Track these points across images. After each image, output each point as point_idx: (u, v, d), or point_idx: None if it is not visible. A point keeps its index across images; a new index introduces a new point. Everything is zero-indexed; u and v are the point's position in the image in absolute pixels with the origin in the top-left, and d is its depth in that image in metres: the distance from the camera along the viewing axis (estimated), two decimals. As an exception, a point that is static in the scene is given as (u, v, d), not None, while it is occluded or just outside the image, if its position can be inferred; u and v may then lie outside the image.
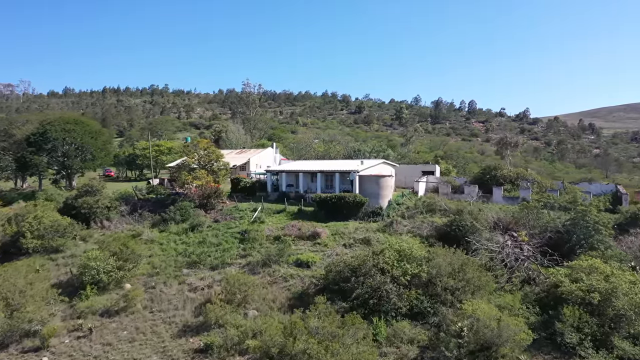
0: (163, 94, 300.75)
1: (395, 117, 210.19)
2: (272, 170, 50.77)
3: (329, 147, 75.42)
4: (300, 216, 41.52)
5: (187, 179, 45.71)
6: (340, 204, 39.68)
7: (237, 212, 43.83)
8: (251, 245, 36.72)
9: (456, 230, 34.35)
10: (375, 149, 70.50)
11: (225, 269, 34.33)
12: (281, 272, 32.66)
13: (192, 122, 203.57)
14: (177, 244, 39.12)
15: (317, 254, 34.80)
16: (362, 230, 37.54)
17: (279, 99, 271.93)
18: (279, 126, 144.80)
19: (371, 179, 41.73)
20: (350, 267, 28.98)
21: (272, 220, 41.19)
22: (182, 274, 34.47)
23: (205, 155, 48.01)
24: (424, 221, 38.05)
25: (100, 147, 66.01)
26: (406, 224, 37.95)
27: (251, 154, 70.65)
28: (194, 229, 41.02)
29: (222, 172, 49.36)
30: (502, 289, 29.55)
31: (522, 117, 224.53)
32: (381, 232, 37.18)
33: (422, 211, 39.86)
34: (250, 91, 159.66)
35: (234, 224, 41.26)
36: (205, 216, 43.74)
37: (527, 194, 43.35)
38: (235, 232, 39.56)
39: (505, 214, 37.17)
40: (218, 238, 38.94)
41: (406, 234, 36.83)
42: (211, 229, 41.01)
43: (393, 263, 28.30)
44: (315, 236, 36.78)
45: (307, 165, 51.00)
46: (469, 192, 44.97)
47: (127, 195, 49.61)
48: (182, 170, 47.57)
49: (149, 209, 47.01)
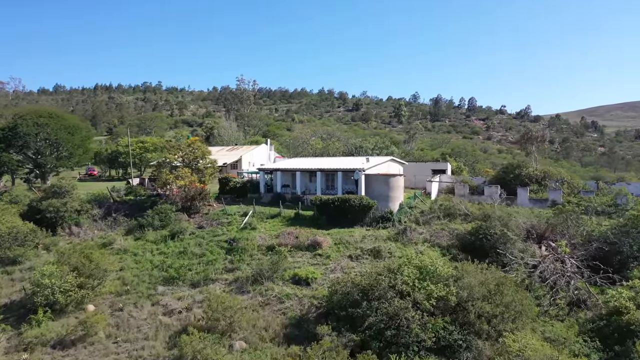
0: (156, 92, 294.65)
1: (394, 114, 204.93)
2: (266, 168, 45.15)
3: (327, 143, 69.90)
4: (298, 222, 35.95)
5: (168, 179, 40.03)
6: (344, 208, 34.16)
7: (224, 216, 38.20)
8: (240, 257, 31.15)
9: (483, 240, 28.92)
10: (378, 145, 65.06)
11: (208, 286, 28.74)
12: (275, 291, 27.11)
13: (185, 120, 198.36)
14: (153, 255, 33.48)
15: (318, 267, 29.28)
16: (370, 239, 32.03)
17: (274, 96, 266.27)
18: (274, 123, 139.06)
19: (379, 179, 36.19)
20: (360, 288, 23.48)
21: (265, 227, 35.61)
22: (156, 292, 28.84)
23: (189, 151, 42.32)
24: (443, 228, 32.56)
25: (77, 144, 60.16)
26: (422, 232, 32.45)
27: (243, 151, 65.02)
28: (174, 236, 35.39)
29: (208, 170, 43.70)
30: (546, 313, 24.16)
31: (523, 114, 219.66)
32: (393, 241, 31.68)
33: (439, 216, 34.38)
34: (244, 88, 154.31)
35: (221, 231, 35.65)
36: (188, 221, 38.10)
37: (557, 196, 37.97)
38: (222, 240, 33.98)
39: (539, 219, 31.73)
40: (201, 248, 33.35)
41: (422, 243, 31.34)
42: (194, 236, 35.38)
43: (414, 283, 22.80)
44: (315, 246, 31.26)
45: (305, 163, 45.40)
46: (490, 194, 39.55)
47: (101, 197, 43.86)
48: (163, 168, 41.89)
49: (124, 212, 41.35)
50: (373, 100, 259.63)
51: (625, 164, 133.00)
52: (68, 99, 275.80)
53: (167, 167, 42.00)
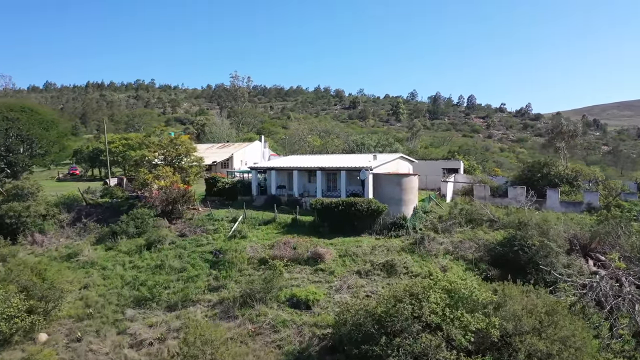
0: (149, 89, 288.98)
1: (392, 112, 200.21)
2: (259, 167, 40.06)
3: (326, 141, 64.93)
4: (295, 229, 30.95)
5: (146, 179, 34.93)
6: (350, 213, 29.21)
7: (210, 222, 33.16)
8: (227, 273, 26.14)
9: (519, 252, 24.03)
10: (381, 142, 60.10)
11: (187, 309, 23.76)
12: (269, 317, 22.12)
13: (178, 117, 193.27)
14: (125, 269, 28.44)
15: (321, 286, 24.32)
16: (382, 250, 27.06)
17: (269, 94, 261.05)
18: (269, 120, 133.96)
19: (390, 179, 31.23)
20: (376, 318, 18.55)
21: (258, 235, 30.60)
22: (125, 316, 23.79)
23: (171, 148, 37.22)
24: (468, 238, 27.62)
25: (53, 140, 54.97)
26: (442, 241, 27.51)
27: (235, 148, 59.96)
28: (151, 246, 30.33)
29: (193, 169, 38.63)
30: (608, 348, 19.28)
31: (523, 112, 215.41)
32: (408, 253, 26.73)
33: (460, 222, 29.47)
34: (238, 84, 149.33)
35: (206, 240, 30.61)
36: (168, 227, 33.04)
37: (593, 199, 33.19)
38: (206, 251, 28.97)
39: (581, 227, 26.87)
40: (182, 260, 28.31)
41: (443, 256, 26.42)
42: (174, 246, 30.31)
43: (444, 312, 17.86)
44: (316, 259, 26.30)
45: (303, 161, 40.37)
46: (515, 196, 34.76)
47: (72, 200, 38.68)
48: (141, 167, 36.79)
49: (97, 217, 36.24)
50: (370, 98, 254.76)
51: (631, 162, 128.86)
52: (58, 96, 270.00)
53: (145, 165, 36.88)
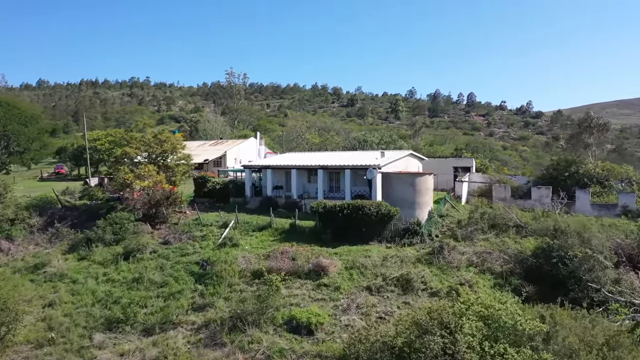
0: (143, 87, 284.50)
1: (391, 110, 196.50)
2: (253, 165, 36.31)
3: (325, 137, 61.26)
4: (294, 236, 27.24)
5: (127, 179, 31.15)
6: (357, 218, 25.54)
7: (198, 227, 29.45)
8: (214, 289, 22.45)
9: (558, 265, 20.41)
10: (384, 139, 56.45)
11: (167, 332, 20.07)
12: (263, 344, 18.43)
13: (172, 115, 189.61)
14: (98, 283, 24.73)
15: (325, 305, 20.65)
16: (395, 261, 23.39)
17: (266, 92, 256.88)
18: (266, 118, 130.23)
19: (402, 179, 27.56)
20: (396, 352, 14.94)
21: (251, 243, 26.89)
22: (92, 343, 20.06)
23: (155, 144, 33.44)
24: (494, 247, 23.96)
25: (32, 137, 51.06)
26: (463, 250, 23.86)
27: (228, 145, 56.18)
28: (129, 255, 26.62)
29: (180, 168, 34.82)
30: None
31: (524, 110, 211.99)
32: (425, 265, 23.09)
33: (483, 228, 25.81)
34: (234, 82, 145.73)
35: (192, 248, 26.91)
36: (151, 234, 29.33)
37: (630, 201, 29.60)
38: (192, 262, 25.28)
39: (626, 235, 23.25)
40: (164, 273, 24.61)
41: (467, 268, 22.77)
42: (156, 256, 26.59)
43: (481, 345, 14.24)
44: (319, 271, 22.63)
45: (302, 159, 36.60)
46: (539, 197, 31.21)
47: (46, 202, 34.92)
48: (121, 165, 33.03)
49: (72, 221, 32.49)
50: (368, 96, 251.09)
51: (637, 160, 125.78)
52: (51, 94, 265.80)
53: (127, 164, 33.08)
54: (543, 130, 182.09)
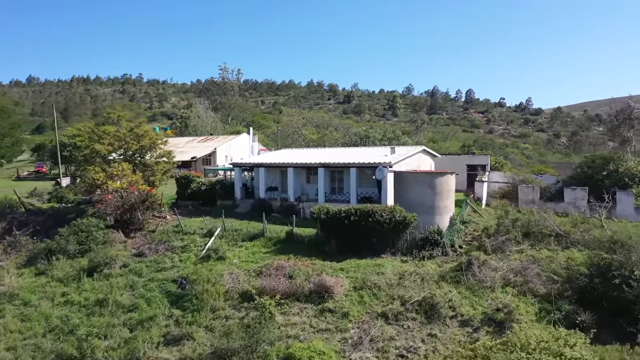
0: (136, 84, 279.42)
1: (388, 106, 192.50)
2: (244, 163, 32.04)
3: (324, 133, 57.07)
4: (291, 247, 23.05)
5: (98, 179, 26.85)
6: (367, 226, 21.38)
7: (178, 236, 25.20)
8: (194, 316, 18.22)
9: (621, 286, 16.34)
10: (387, 135, 52.34)
11: (132, 374, 15.87)
12: (252, 393, 14.26)
13: (165, 112, 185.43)
14: (54, 305, 20.48)
15: (330, 337, 16.48)
16: (414, 280, 19.22)
17: (260, 89, 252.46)
18: (261, 114, 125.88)
19: (419, 179, 23.43)
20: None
21: (240, 255, 22.65)
22: (35, 388, 15.88)
23: (130, 139, 29.15)
24: (532, 261, 19.78)
25: (3, 133, 46.55)
26: (496, 266, 19.71)
27: (219, 142, 51.89)
28: (94, 271, 22.35)
29: (160, 166, 30.52)
30: None
31: (523, 107, 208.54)
32: (450, 284, 18.96)
33: (516, 238, 21.69)
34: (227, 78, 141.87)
35: (170, 262, 22.67)
36: (124, 243, 25.07)
37: (681, 204, 25.77)
38: (169, 279, 21.06)
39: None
40: (134, 293, 20.39)
41: (503, 288, 18.63)
42: (127, 271, 22.33)
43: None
44: (322, 293, 18.46)
45: (300, 156, 32.41)
46: (574, 199, 27.24)
47: (6, 206, 30.58)
48: (90, 164, 28.72)
49: (35, 228, 28.23)
50: (365, 93, 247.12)
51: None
52: (41, 91, 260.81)
53: (96, 162, 28.76)
54: (543, 127, 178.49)
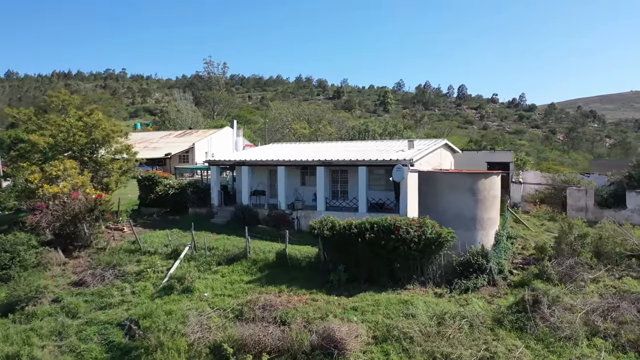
0: (119, 79, 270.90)
1: (380, 102, 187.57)
2: (222, 161, 25.97)
3: (317, 127, 51.26)
4: (283, 273, 17.12)
5: (33, 180, 20.75)
6: (386, 246, 15.57)
7: (134, 257, 19.20)
8: (138, 389, 12.34)
9: None
10: (388, 129, 46.69)
11: None
12: None
13: (147, 107, 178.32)
14: (-55, 365, 14.40)
15: None
16: (459, 326, 13.50)
17: (247, 84, 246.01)
18: (247, 108, 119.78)
19: (454, 182, 17.63)
20: None
21: (215, 285, 16.68)
22: None
23: (78, 129, 23.03)
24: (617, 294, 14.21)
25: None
26: (571, 303, 14.06)
27: (198, 136, 45.78)
28: (15, 308, 16.32)
29: (116, 165, 24.42)
30: None
31: (517, 103, 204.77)
32: (512, 332, 13.30)
33: (588, 262, 16.12)
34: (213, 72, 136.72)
35: (118, 294, 16.69)
36: (62, 266, 19.04)
37: None
38: (114, 321, 15.11)
39: None
40: (62, 345, 14.41)
41: (588, 340, 12.99)
42: (58, 308, 16.31)
43: None
44: (329, 348, 12.66)
45: (293, 152, 26.44)
46: (638, 205, 21.90)
47: None
48: (23, 163, 22.57)
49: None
50: (355, 89, 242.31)
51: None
52: (19, 85, 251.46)
53: (32, 160, 22.61)
54: (538, 123, 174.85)
